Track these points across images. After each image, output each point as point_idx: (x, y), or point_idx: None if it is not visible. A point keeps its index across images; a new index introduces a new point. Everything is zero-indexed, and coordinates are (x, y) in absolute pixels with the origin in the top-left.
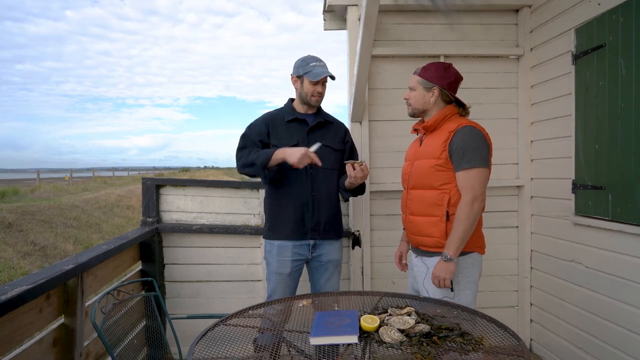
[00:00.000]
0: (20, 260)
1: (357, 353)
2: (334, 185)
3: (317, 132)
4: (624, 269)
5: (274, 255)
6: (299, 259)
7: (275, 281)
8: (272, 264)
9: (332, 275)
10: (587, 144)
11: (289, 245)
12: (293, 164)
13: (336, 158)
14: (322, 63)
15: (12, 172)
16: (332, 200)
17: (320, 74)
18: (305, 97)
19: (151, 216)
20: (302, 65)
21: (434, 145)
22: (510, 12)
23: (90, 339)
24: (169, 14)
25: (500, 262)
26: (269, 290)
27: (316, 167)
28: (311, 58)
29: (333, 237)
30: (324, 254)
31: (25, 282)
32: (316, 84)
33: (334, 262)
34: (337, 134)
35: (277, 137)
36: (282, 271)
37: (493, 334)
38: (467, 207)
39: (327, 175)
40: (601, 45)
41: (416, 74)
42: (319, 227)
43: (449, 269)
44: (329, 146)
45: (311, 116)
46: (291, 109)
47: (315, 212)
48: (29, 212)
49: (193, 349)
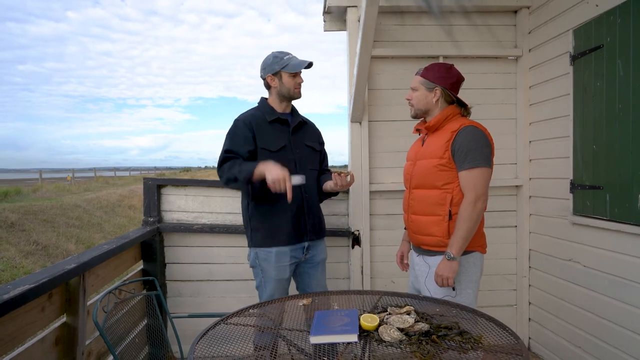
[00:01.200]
0: (22, 260)
1: (357, 352)
2: (316, 186)
3: (299, 132)
4: (622, 268)
5: (271, 263)
6: (294, 262)
7: (273, 287)
8: (269, 271)
9: (321, 275)
10: (585, 144)
11: (286, 250)
12: (267, 181)
13: (317, 158)
14: (294, 54)
15: (14, 172)
16: (317, 200)
17: (300, 64)
18: (288, 92)
19: (152, 216)
20: (275, 62)
21: (436, 145)
22: (508, 13)
23: (92, 338)
24: (169, 14)
25: (499, 261)
26: (265, 296)
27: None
28: (282, 53)
29: (322, 235)
30: (316, 255)
31: (27, 281)
32: (296, 75)
33: (323, 262)
34: (313, 134)
35: (264, 139)
36: (282, 277)
37: (492, 333)
38: (470, 206)
39: (312, 176)
40: (599, 46)
41: (418, 74)
42: (315, 227)
43: (452, 268)
44: (311, 146)
45: (289, 115)
46: (270, 108)
47: (310, 213)
48: (32, 211)
49: (194, 347)
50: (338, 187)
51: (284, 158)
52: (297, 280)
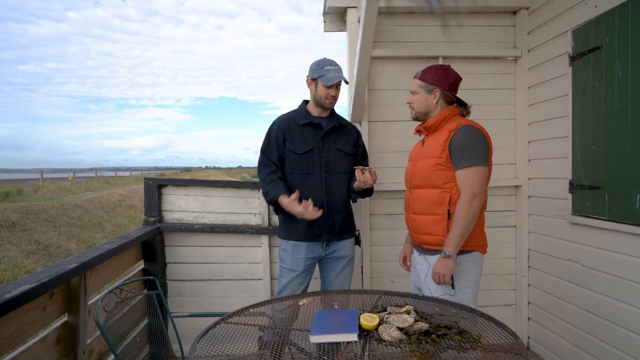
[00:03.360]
0: (24, 259)
1: (357, 351)
2: (346, 188)
3: (331, 136)
4: (621, 267)
5: (288, 253)
6: (313, 257)
7: (288, 278)
8: (285, 261)
9: (342, 270)
10: (584, 144)
11: (303, 244)
12: (300, 215)
13: (349, 162)
14: (337, 67)
15: (15, 172)
16: (345, 203)
17: (334, 78)
18: (320, 100)
19: (153, 216)
20: (316, 69)
21: (435, 145)
22: (507, 14)
23: (93, 337)
24: (170, 14)
25: (498, 261)
26: (280, 286)
27: (330, 173)
28: (326, 62)
29: (346, 236)
30: (337, 250)
31: (29, 280)
32: (330, 87)
33: (346, 258)
34: (350, 137)
35: (293, 142)
36: (296, 268)
37: (491, 332)
38: (466, 205)
39: (340, 179)
40: (598, 46)
41: (416, 77)
42: (333, 229)
43: (448, 265)
44: (342, 150)
45: (325, 119)
46: (305, 112)
47: (330, 215)
48: (33, 211)
49: (194, 346)
50: (361, 183)
51: (310, 161)
52: (320, 275)
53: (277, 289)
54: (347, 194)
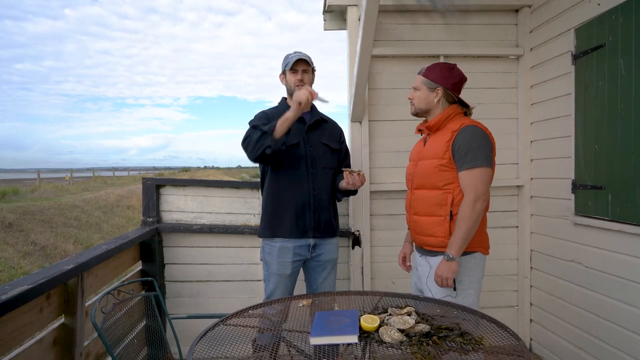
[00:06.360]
0: (20, 260)
1: (357, 353)
2: (330, 184)
3: (316, 130)
4: (624, 268)
5: (274, 257)
6: (299, 260)
7: (276, 282)
8: (272, 265)
9: (329, 275)
10: (586, 143)
11: (290, 246)
12: (293, 102)
13: (333, 158)
14: (298, 52)
15: (12, 172)
16: (330, 199)
17: (293, 57)
18: (290, 89)
19: (151, 216)
20: (283, 62)
21: (437, 145)
22: (510, 12)
23: (91, 339)
24: (169, 12)
25: (500, 262)
26: (268, 291)
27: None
28: (290, 53)
29: (331, 235)
30: (323, 254)
31: (25, 281)
32: (295, 72)
33: (332, 262)
34: (334, 132)
35: None
36: (283, 272)
37: (493, 334)
38: (469, 206)
39: (326, 174)
40: (601, 45)
41: (420, 74)
42: (319, 225)
43: (451, 268)
44: (327, 145)
45: (307, 114)
46: (287, 107)
47: (317, 210)
48: (30, 212)
49: (193, 348)
50: (350, 185)
51: (296, 154)
52: (306, 278)
53: (265, 294)
54: (332, 190)
